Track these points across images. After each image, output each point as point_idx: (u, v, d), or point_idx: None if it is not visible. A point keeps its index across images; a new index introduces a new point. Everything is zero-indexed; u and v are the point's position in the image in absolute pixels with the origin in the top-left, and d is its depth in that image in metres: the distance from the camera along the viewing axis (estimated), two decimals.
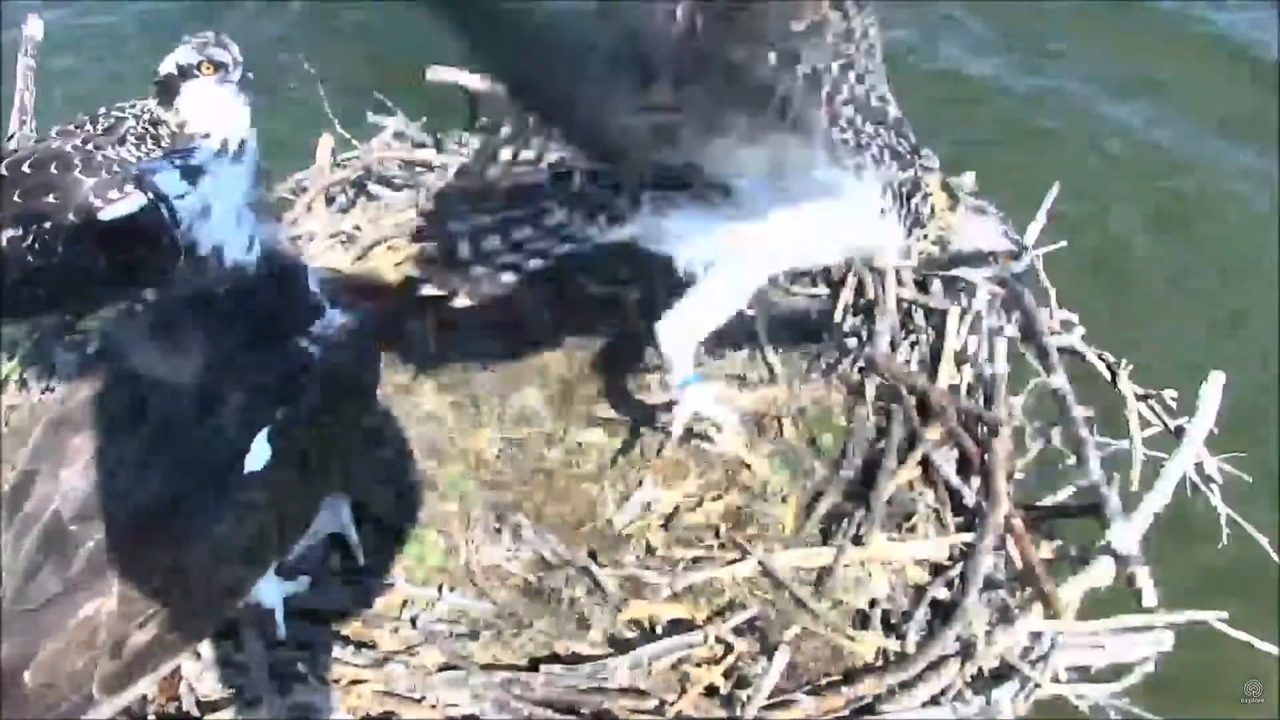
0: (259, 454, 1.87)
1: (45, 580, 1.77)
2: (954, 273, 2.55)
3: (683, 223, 2.37)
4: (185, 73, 2.74)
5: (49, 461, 1.85)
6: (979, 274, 2.53)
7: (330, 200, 3.63)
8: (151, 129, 2.77)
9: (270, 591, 2.28)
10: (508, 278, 2.41)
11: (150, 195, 2.06)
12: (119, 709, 1.86)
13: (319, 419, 1.96)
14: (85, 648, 1.76)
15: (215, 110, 2.76)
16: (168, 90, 2.76)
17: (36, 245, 2.67)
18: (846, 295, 3.16)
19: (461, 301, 2.43)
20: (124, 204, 2.68)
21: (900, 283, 3.18)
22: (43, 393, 3.01)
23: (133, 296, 2.85)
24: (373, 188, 3.63)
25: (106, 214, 2.66)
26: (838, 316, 3.11)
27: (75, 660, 1.76)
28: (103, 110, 2.83)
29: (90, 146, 2.72)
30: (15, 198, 2.67)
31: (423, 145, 3.80)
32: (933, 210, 2.35)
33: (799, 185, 2.17)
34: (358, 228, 3.44)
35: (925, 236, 2.36)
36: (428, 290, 2.46)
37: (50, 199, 2.66)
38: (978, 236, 2.38)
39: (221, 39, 2.78)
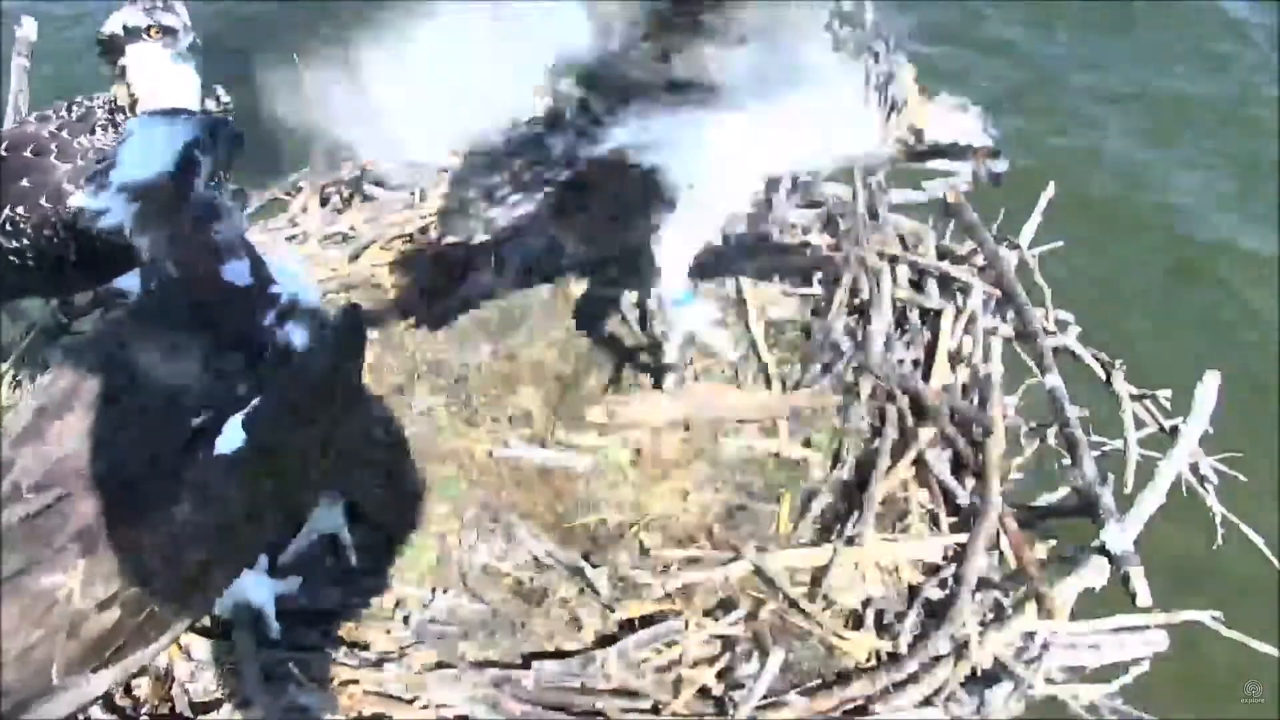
0: (231, 438, 1.85)
1: (9, 557, 1.76)
2: (932, 165, 2.56)
3: (668, 127, 2.40)
4: (131, 34, 2.65)
5: (28, 446, 1.85)
6: (958, 166, 2.55)
7: (325, 200, 3.64)
8: (112, 117, 2.72)
9: (261, 591, 2.28)
10: (518, 209, 2.57)
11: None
12: (84, 700, 1.84)
13: (298, 410, 1.95)
14: (40, 623, 1.74)
15: (162, 80, 2.68)
16: (111, 50, 2.67)
17: (9, 228, 2.66)
18: (841, 295, 3.15)
19: (480, 238, 2.63)
20: None
21: (895, 282, 3.18)
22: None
23: (103, 284, 2.84)
24: (368, 188, 3.63)
25: (77, 200, 2.65)
26: (832, 316, 3.11)
27: (29, 636, 1.74)
28: (77, 99, 2.79)
29: (65, 133, 2.70)
30: None
31: None
32: (905, 101, 2.38)
33: (782, 76, 2.21)
34: (353, 228, 3.44)
35: (901, 124, 2.39)
36: (450, 238, 2.69)
37: (25, 183, 2.65)
38: (954, 128, 2.41)
39: (170, 2, 2.67)
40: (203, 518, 1.84)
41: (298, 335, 2.00)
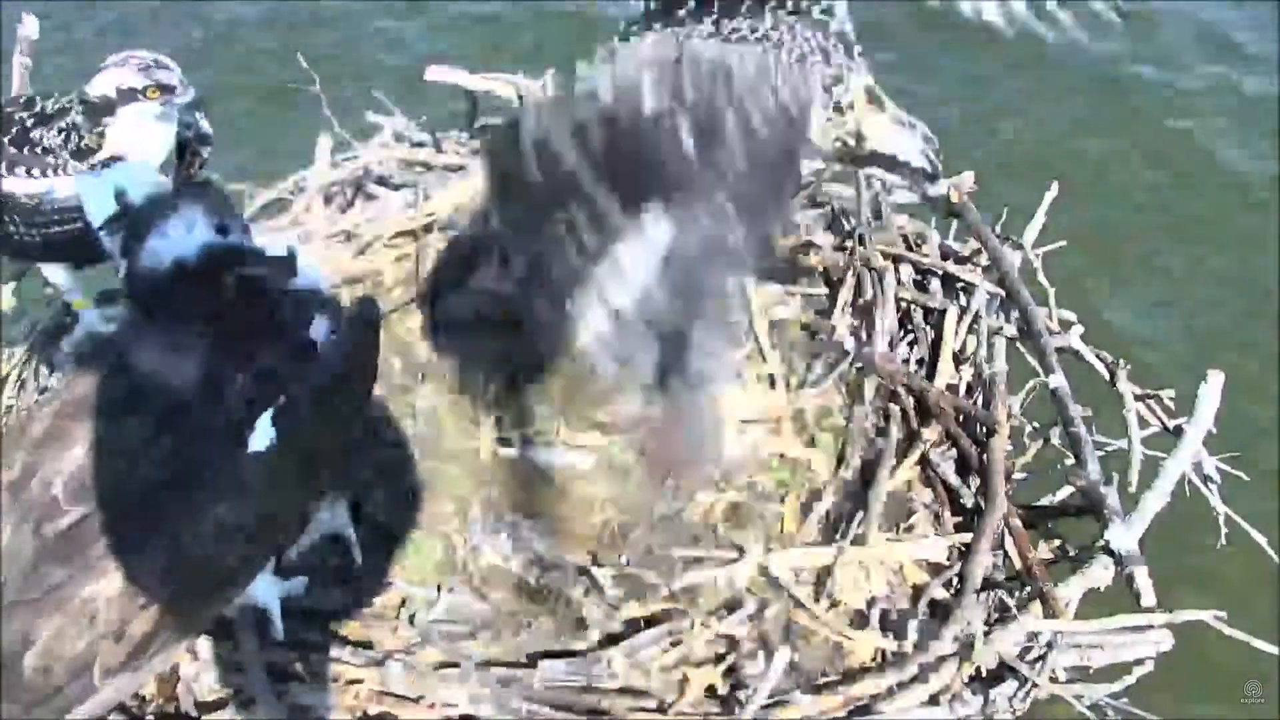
0: (263, 435, 1.85)
1: (46, 566, 1.76)
2: (867, 171, 2.52)
3: None
4: (125, 96, 2.61)
5: (50, 450, 1.84)
6: (891, 179, 2.52)
7: (329, 200, 3.63)
8: (73, 129, 2.67)
9: (267, 591, 2.28)
10: None
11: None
12: (118, 700, 1.85)
13: (322, 404, 1.95)
14: (86, 631, 1.75)
15: (147, 138, 2.67)
16: (100, 111, 2.63)
17: None
18: (845, 294, 3.15)
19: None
20: (26, 184, 2.66)
21: (899, 282, 3.18)
22: (40, 391, 3.02)
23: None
24: (371, 187, 3.63)
25: (5, 185, 2.64)
26: (836, 316, 3.11)
27: (75, 643, 1.75)
28: (65, 92, 2.75)
29: (30, 122, 2.69)
30: None
31: (421, 145, 3.80)
32: (851, 105, 2.35)
33: None
34: (357, 226, 3.44)
35: (842, 125, 2.36)
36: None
37: None
38: (894, 143, 2.39)
39: (159, 58, 2.64)
40: (241, 516, 1.84)
41: (318, 328, 2.01)
